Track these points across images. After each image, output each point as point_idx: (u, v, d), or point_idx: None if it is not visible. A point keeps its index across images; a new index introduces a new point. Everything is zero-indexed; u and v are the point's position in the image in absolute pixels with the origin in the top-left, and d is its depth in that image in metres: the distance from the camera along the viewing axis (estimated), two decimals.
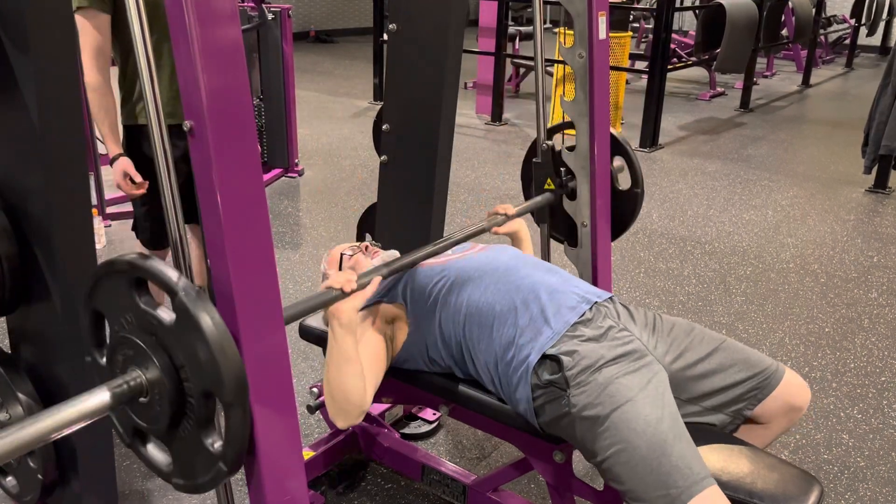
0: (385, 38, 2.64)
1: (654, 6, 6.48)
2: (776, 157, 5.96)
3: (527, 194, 2.29)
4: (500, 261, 1.71)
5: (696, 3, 8.57)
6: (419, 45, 2.13)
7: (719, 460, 1.47)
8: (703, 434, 1.52)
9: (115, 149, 2.24)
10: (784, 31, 8.58)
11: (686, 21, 11.94)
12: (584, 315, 1.56)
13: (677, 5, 7.28)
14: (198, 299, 1.03)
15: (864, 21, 10.37)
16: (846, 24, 10.67)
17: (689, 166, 5.59)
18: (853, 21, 10.34)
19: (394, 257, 1.74)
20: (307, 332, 1.99)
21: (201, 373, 1.05)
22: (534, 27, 2.13)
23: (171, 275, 1.05)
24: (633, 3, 8.48)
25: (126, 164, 2.22)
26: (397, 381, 1.77)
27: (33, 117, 1.20)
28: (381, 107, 2.28)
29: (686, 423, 1.43)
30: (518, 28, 7.95)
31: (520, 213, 2.02)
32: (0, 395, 1.35)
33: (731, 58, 6.39)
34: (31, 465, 1.38)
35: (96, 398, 1.06)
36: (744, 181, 5.26)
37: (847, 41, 11.01)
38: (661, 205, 4.72)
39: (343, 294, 1.45)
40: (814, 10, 8.30)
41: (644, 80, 6.24)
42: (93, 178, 3.83)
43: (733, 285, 3.58)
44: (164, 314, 1.07)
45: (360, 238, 2.49)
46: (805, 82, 9.10)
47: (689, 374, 1.59)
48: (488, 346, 1.59)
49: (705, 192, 4.99)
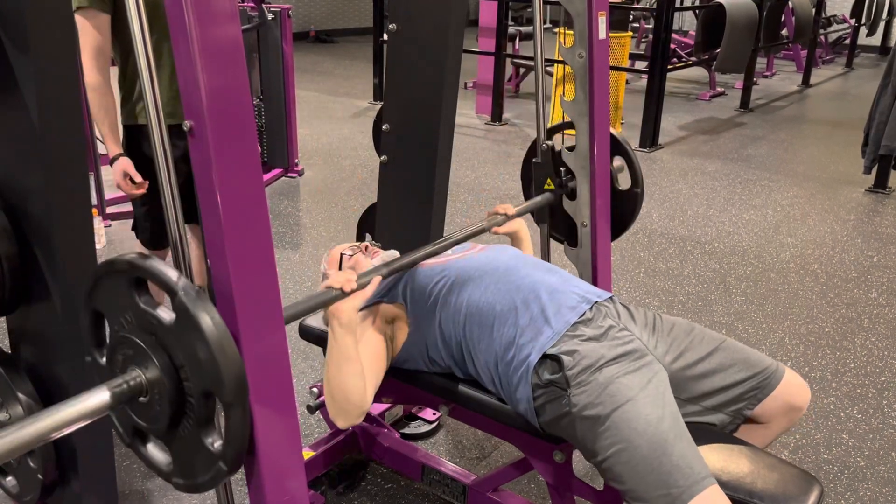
0: (385, 38, 2.64)
1: (654, 6, 6.48)
2: (776, 157, 5.96)
3: (527, 194, 2.29)
4: (500, 261, 1.71)
5: (696, 3, 8.57)
6: (419, 45, 2.13)
7: (719, 460, 1.47)
8: (703, 434, 1.52)
9: (115, 149, 2.24)
10: (784, 31, 8.58)
11: (686, 21, 11.94)
12: (584, 315, 1.56)
13: (677, 5, 7.28)
14: (197, 299, 1.03)
15: (864, 21, 10.38)
16: (846, 24, 10.68)
17: (689, 166, 5.59)
18: (853, 21, 10.34)
19: (394, 257, 1.74)
20: (307, 332, 1.99)
21: (201, 372, 1.05)
22: (534, 27, 2.13)
23: (170, 274, 1.05)
24: (633, 3, 8.48)
25: (126, 164, 2.22)
26: (397, 381, 1.77)
27: (33, 117, 1.20)
28: (381, 107, 2.28)
29: (686, 422, 1.43)
30: (518, 28, 7.95)
31: (520, 213, 2.02)
32: (0, 395, 1.35)
33: (731, 58, 6.39)
34: (31, 465, 1.38)
35: (96, 398, 1.06)
36: (744, 181, 5.25)
37: (847, 41, 11.01)
38: (661, 205, 4.72)
39: (343, 294, 1.45)
40: (814, 10, 8.30)
41: (644, 80, 6.24)
42: (93, 178, 3.83)
43: (733, 285, 3.58)
44: (164, 314, 1.07)
45: (360, 238, 2.49)
46: (805, 82, 9.10)
47: (689, 373, 1.59)
48: (489, 346, 1.59)
49: (705, 192, 4.99)
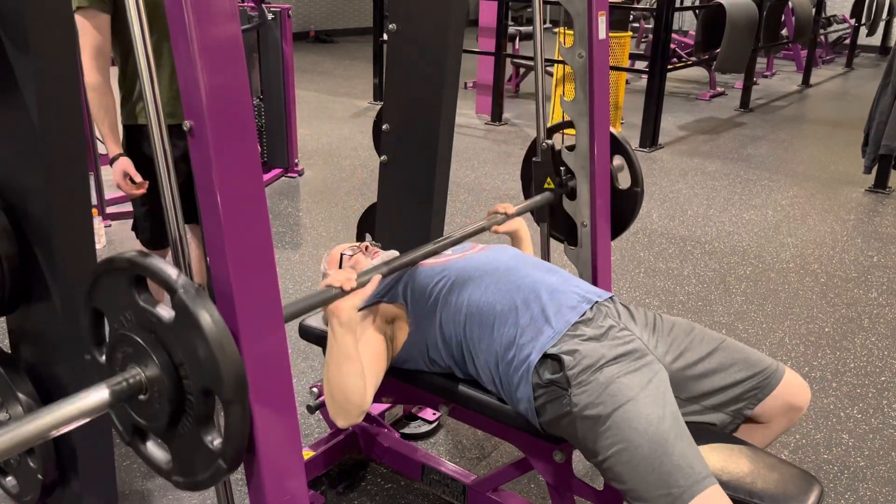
0: (385, 38, 2.64)
1: (654, 6, 6.49)
2: (776, 156, 5.96)
3: (527, 194, 2.29)
4: (500, 260, 1.71)
5: (696, 3, 8.57)
6: (419, 45, 2.13)
7: (719, 460, 1.47)
8: (704, 434, 1.52)
9: (115, 149, 2.24)
10: (784, 31, 8.58)
11: (686, 21, 11.94)
12: (584, 314, 1.56)
13: (677, 5, 7.28)
14: (197, 297, 1.03)
15: (864, 21, 10.38)
16: (846, 24, 10.68)
17: (689, 166, 5.59)
18: (853, 21, 10.34)
19: (393, 257, 1.74)
20: (307, 332, 1.99)
21: (200, 370, 1.05)
22: (534, 27, 2.13)
23: (170, 272, 1.05)
24: (633, 3, 8.48)
25: (126, 163, 2.22)
26: (397, 381, 1.77)
27: (33, 117, 1.20)
28: (381, 107, 2.28)
29: (686, 422, 1.43)
30: (518, 28, 7.95)
31: (520, 213, 2.02)
32: (0, 394, 1.35)
33: (731, 58, 6.39)
34: (31, 464, 1.38)
35: (96, 395, 1.06)
36: (744, 181, 5.25)
37: (847, 41, 11.01)
38: (661, 204, 4.72)
39: (343, 292, 1.45)
40: (814, 10, 8.30)
41: (644, 80, 6.24)
42: (93, 178, 3.83)
43: (733, 285, 3.57)
44: (164, 312, 1.08)
45: (360, 238, 2.49)
46: (805, 82, 9.10)
47: (690, 373, 1.59)
48: (489, 346, 1.59)
49: (705, 192, 4.99)
